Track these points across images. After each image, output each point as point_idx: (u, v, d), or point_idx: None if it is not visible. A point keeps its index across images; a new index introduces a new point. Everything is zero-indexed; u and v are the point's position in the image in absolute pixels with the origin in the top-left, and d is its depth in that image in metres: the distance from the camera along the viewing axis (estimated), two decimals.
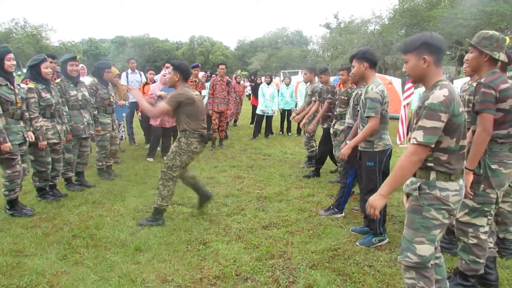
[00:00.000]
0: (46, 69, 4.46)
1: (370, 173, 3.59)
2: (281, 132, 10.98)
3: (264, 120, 10.22)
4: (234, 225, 4.03)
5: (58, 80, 4.96)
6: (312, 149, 6.79)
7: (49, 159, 4.57)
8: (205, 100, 8.79)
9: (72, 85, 5.01)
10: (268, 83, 10.17)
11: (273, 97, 10.09)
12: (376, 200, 2.17)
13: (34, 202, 4.58)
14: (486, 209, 2.72)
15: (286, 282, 2.93)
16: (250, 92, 15.54)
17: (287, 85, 10.55)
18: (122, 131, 7.83)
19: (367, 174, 3.63)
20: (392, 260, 3.30)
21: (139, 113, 7.94)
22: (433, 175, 2.16)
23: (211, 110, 8.30)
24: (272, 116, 10.28)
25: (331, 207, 4.43)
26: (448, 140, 2.12)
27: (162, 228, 3.89)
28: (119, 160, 6.74)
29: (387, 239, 3.68)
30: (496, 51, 2.70)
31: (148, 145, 7.57)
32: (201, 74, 11.14)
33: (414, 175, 2.24)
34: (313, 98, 6.47)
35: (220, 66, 8.47)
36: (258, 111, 10.12)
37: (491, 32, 2.75)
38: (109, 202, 4.68)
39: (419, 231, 2.18)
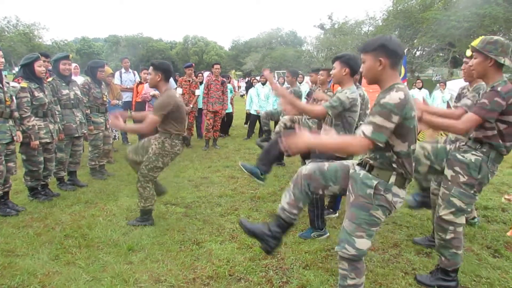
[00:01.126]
0: (40, 67, 4.43)
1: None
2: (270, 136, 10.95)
3: (258, 121, 10.20)
4: (227, 225, 4.03)
5: (50, 79, 4.92)
6: (266, 127, 6.86)
7: (41, 159, 4.54)
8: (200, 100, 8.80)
9: (64, 84, 4.97)
10: (263, 83, 10.17)
11: (267, 97, 10.08)
12: (299, 141, 2.14)
13: (26, 202, 4.55)
14: (469, 209, 2.83)
15: (279, 282, 2.93)
16: (244, 92, 15.54)
17: (281, 85, 10.55)
18: (115, 131, 7.78)
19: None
20: (385, 260, 3.31)
21: (132, 113, 7.90)
22: (392, 179, 2.20)
23: (206, 109, 8.29)
24: None
25: (325, 207, 4.44)
26: (400, 144, 2.16)
27: (155, 228, 3.87)
28: (112, 160, 6.71)
29: (328, 234, 3.77)
30: (501, 56, 2.67)
31: None
32: (206, 74, 11.15)
33: (370, 171, 2.26)
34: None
35: (215, 66, 8.46)
36: (252, 111, 10.12)
37: (495, 37, 2.74)
38: (101, 202, 4.65)
39: (361, 226, 2.23)
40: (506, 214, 4.49)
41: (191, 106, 8.44)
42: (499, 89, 2.63)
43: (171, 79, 9.25)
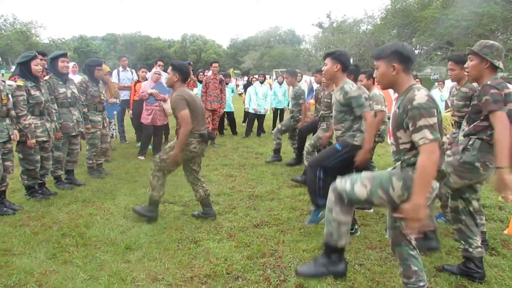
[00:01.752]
0: (37, 66, 4.41)
1: (332, 151, 3.66)
2: (273, 131, 10.96)
3: (256, 119, 10.22)
4: (225, 223, 4.03)
5: (46, 77, 4.90)
6: (278, 141, 7.04)
7: (38, 157, 4.52)
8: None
9: (61, 83, 4.95)
10: (261, 82, 10.17)
11: (265, 96, 10.08)
12: (415, 212, 2.04)
13: (23, 201, 4.53)
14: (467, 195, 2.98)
15: (277, 280, 2.93)
16: (242, 90, 15.51)
17: (280, 84, 10.54)
18: (113, 129, 7.78)
19: (327, 150, 3.72)
20: (382, 258, 3.31)
21: (130, 111, 7.89)
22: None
23: (204, 108, 8.27)
24: (264, 115, 10.27)
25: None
26: None
27: (153, 227, 3.87)
28: (109, 159, 6.69)
29: (358, 233, 3.78)
30: (496, 59, 2.79)
31: (139, 143, 7.52)
32: (209, 73, 11.13)
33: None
34: (300, 101, 6.69)
35: (214, 64, 8.46)
36: (250, 110, 10.11)
37: (491, 41, 2.87)
38: (99, 201, 4.64)
39: (374, 179, 2.28)
40: (503, 212, 4.50)
41: None
42: (489, 82, 2.73)
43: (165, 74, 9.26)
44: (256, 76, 10.94)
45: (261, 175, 6.04)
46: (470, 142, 2.87)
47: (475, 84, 3.25)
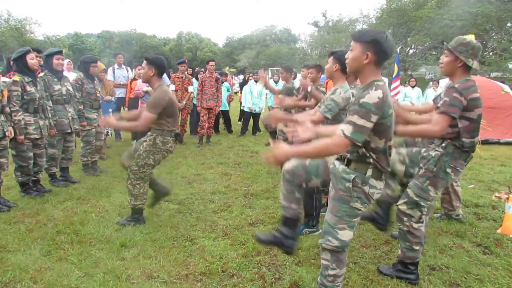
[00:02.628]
0: (32, 60, 4.39)
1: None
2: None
3: (252, 118, 10.23)
4: (220, 221, 4.03)
5: (41, 74, 4.88)
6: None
7: (31, 154, 4.51)
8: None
9: (56, 80, 4.93)
10: (256, 81, 10.17)
11: (260, 95, 10.10)
12: (278, 153, 2.15)
13: (18, 198, 4.52)
14: (422, 204, 2.87)
15: (272, 278, 2.94)
16: (238, 89, 15.51)
17: (276, 82, 10.55)
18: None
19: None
20: (377, 257, 3.33)
21: (126, 109, 7.87)
22: (369, 172, 2.25)
23: (200, 106, 8.27)
24: (259, 113, 10.29)
25: (324, 204, 4.48)
26: (376, 141, 2.20)
27: (148, 225, 3.87)
28: (104, 156, 6.68)
29: (320, 231, 3.74)
30: (470, 58, 2.78)
31: (135, 141, 7.50)
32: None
33: (348, 165, 2.30)
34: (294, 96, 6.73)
35: (210, 63, 8.44)
36: (245, 109, 10.12)
37: (468, 38, 2.83)
38: (94, 198, 4.63)
39: (343, 218, 2.30)
40: (496, 211, 4.53)
41: (184, 102, 8.42)
42: (456, 86, 2.74)
43: (165, 76, 9.24)
44: (252, 75, 10.94)
45: (256, 174, 6.05)
46: (443, 145, 2.86)
47: None
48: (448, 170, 2.83)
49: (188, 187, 5.23)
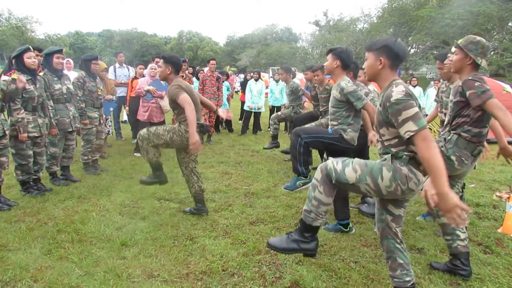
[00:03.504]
0: (30, 59, 4.38)
1: (320, 130, 3.76)
2: (269, 129, 10.97)
3: (253, 117, 10.23)
4: (221, 220, 4.03)
5: (41, 74, 4.87)
6: (275, 126, 6.96)
7: (30, 153, 4.51)
8: None
9: (56, 79, 4.93)
10: (256, 80, 10.17)
11: (260, 93, 10.10)
12: (443, 201, 2.00)
13: (18, 196, 4.52)
14: None
15: (272, 277, 2.94)
16: (239, 88, 15.50)
17: (277, 81, 10.55)
18: (109, 126, 7.75)
19: (318, 127, 3.75)
20: (377, 256, 3.33)
21: (126, 108, 7.86)
22: (406, 160, 2.23)
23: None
24: (260, 112, 10.28)
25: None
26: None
27: (149, 223, 3.87)
28: (105, 155, 6.68)
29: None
30: (479, 57, 2.85)
31: (135, 140, 7.50)
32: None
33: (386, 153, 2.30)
34: (299, 93, 6.82)
35: (211, 62, 8.44)
36: (245, 107, 10.12)
37: (478, 38, 2.89)
38: (95, 197, 4.63)
39: (365, 166, 2.29)
40: (497, 211, 4.53)
41: None
42: (470, 78, 2.78)
43: None
44: (252, 74, 10.94)
45: (257, 173, 6.05)
46: (449, 137, 2.94)
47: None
48: (453, 157, 2.88)
49: None
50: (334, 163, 2.34)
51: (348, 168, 2.30)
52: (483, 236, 3.76)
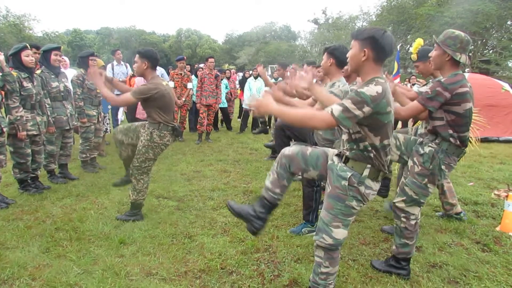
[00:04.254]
0: (27, 57, 4.37)
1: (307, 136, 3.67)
2: (268, 127, 10.98)
3: (251, 115, 10.22)
4: (219, 218, 4.03)
5: (39, 71, 4.85)
6: (262, 118, 7.08)
7: (29, 151, 4.49)
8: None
9: (53, 76, 4.91)
10: (255, 77, 10.16)
11: (259, 91, 10.08)
12: (263, 105, 2.15)
13: (16, 194, 4.51)
14: (421, 200, 2.91)
15: (271, 275, 2.94)
16: (238, 86, 15.47)
17: (276, 80, 10.53)
18: (107, 124, 7.73)
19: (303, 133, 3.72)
20: (376, 254, 3.33)
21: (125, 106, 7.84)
22: (366, 172, 2.23)
23: (199, 103, 8.26)
24: None
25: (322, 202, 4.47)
26: (372, 138, 2.19)
27: (147, 221, 3.86)
28: (103, 153, 6.67)
29: None
30: (458, 52, 2.77)
31: None
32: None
33: (346, 162, 2.29)
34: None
35: (209, 60, 8.43)
36: (244, 105, 10.12)
37: (457, 32, 2.81)
38: (93, 195, 4.63)
39: (338, 216, 2.28)
40: (496, 209, 4.53)
41: (183, 99, 8.41)
42: (442, 80, 2.75)
43: (164, 72, 9.22)
44: (251, 72, 10.93)
45: (255, 171, 6.05)
46: (437, 141, 2.88)
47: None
48: (443, 167, 2.84)
49: (187, 184, 5.22)
50: (323, 237, 2.32)
51: (332, 230, 2.30)
52: (481, 235, 3.77)
